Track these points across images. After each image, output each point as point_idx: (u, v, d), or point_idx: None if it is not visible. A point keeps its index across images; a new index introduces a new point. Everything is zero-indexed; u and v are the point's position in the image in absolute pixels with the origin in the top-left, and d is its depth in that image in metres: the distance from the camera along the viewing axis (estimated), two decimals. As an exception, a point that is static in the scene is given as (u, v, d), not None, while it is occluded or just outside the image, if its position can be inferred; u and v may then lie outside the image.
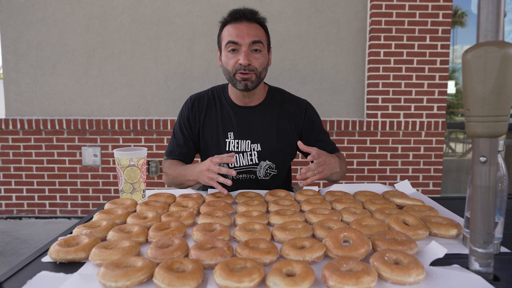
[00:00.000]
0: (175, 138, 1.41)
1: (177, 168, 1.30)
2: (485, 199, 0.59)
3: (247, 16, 1.22)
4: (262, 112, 1.36)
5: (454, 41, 3.35)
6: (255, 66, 1.22)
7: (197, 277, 0.60)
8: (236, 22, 1.22)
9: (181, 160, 1.39)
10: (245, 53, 1.19)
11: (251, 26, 1.22)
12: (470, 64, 0.56)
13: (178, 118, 1.42)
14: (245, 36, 1.19)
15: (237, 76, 1.23)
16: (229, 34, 1.22)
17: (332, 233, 0.74)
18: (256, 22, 1.24)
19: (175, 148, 1.40)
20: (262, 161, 1.34)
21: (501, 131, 0.57)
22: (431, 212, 0.93)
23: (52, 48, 2.90)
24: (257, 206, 0.99)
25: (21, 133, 2.93)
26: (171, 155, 1.40)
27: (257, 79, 1.25)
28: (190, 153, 1.41)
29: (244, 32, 1.20)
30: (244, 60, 1.19)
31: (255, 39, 1.20)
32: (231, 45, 1.21)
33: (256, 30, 1.22)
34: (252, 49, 1.22)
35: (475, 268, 0.63)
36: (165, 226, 0.83)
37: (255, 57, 1.22)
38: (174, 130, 1.43)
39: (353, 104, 2.98)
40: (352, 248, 0.69)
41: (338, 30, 2.90)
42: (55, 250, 0.70)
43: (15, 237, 2.67)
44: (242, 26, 1.21)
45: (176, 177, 1.29)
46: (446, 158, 3.47)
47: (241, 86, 1.24)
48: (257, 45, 1.21)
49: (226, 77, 1.28)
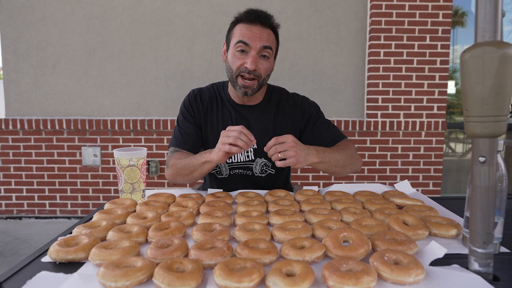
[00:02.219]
0: (182, 127, 1.34)
1: (188, 157, 1.22)
2: (484, 199, 0.59)
3: (262, 20, 1.20)
4: (260, 111, 1.36)
5: (454, 41, 3.35)
6: (260, 73, 1.21)
7: (197, 277, 0.60)
8: (251, 24, 1.20)
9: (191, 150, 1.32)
10: (253, 57, 1.18)
11: (264, 30, 1.20)
12: (468, 64, 0.56)
13: (181, 110, 1.38)
14: (257, 39, 1.18)
15: (239, 81, 1.22)
16: (241, 33, 1.19)
17: (332, 233, 0.74)
18: (269, 27, 1.23)
19: (184, 137, 1.32)
20: (258, 158, 1.34)
21: (500, 131, 0.57)
22: (431, 212, 0.93)
23: (52, 48, 2.90)
24: (257, 206, 0.99)
25: (21, 133, 2.93)
26: (179, 144, 1.31)
27: (258, 86, 1.24)
28: (198, 141, 1.35)
29: (256, 35, 1.18)
30: (251, 65, 1.17)
31: (266, 45, 1.19)
32: (241, 45, 1.19)
33: (268, 36, 1.21)
34: (261, 55, 1.20)
35: (475, 268, 0.63)
36: (165, 226, 0.83)
37: (262, 63, 1.21)
38: (178, 122, 1.37)
39: (353, 104, 2.98)
40: (352, 248, 0.69)
41: (338, 30, 2.90)
42: (55, 250, 0.70)
43: (15, 237, 2.67)
44: (256, 29, 1.19)
45: (188, 163, 1.20)
46: (446, 158, 3.47)
47: (241, 92, 1.23)
48: (266, 51, 1.20)
49: (228, 74, 1.26)
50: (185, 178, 1.24)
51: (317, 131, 1.36)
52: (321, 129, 1.37)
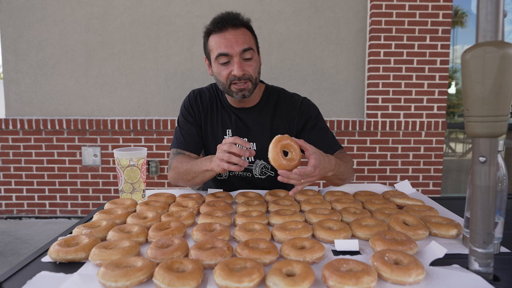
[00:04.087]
0: (183, 129, 1.33)
1: (190, 161, 1.21)
2: (485, 199, 0.59)
3: (232, 22, 1.17)
4: (257, 113, 1.34)
5: (454, 41, 3.35)
6: (250, 74, 1.19)
7: (197, 277, 0.60)
8: (222, 32, 1.16)
9: (193, 151, 1.32)
10: (238, 63, 1.15)
11: (237, 32, 1.17)
12: (469, 64, 0.56)
13: (181, 111, 1.37)
14: (234, 45, 1.14)
15: (233, 88, 1.20)
16: (217, 45, 1.16)
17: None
18: (241, 25, 1.19)
19: (185, 138, 1.31)
20: (258, 160, 1.34)
21: (501, 131, 0.57)
22: (431, 212, 0.93)
23: (52, 48, 2.90)
24: (257, 206, 0.99)
25: (21, 133, 2.93)
26: (180, 146, 1.31)
27: (253, 85, 1.22)
28: (200, 142, 1.34)
29: (232, 41, 1.15)
30: (238, 71, 1.15)
31: (245, 47, 1.16)
32: (221, 57, 1.16)
33: (244, 36, 1.17)
34: (244, 58, 1.18)
35: (475, 268, 0.63)
36: (165, 226, 0.83)
37: (248, 65, 1.19)
38: (179, 123, 1.37)
39: (353, 104, 2.98)
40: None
41: (338, 30, 2.90)
42: (55, 250, 0.70)
43: (15, 237, 2.67)
44: (229, 35, 1.16)
45: (189, 169, 1.19)
46: (446, 158, 3.47)
47: (239, 96, 1.21)
48: (248, 53, 1.17)
49: (221, 87, 1.24)
50: (187, 183, 1.24)
51: (314, 136, 1.32)
52: (318, 136, 1.33)
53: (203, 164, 1.14)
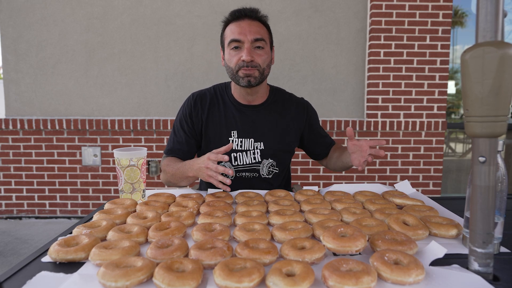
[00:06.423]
0: (176, 136, 1.38)
1: (175, 165, 1.27)
2: (484, 199, 0.59)
3: (249, 14, 1.23)
4: (265, 111, 1.36)
5: (454, 41, 3.35)
6: (258, 63, 1.22)
7: (197, 277, 0.60)
8: (238, 21, 1.23)
9: (180, 158, 1.37)
10: (247, 49, 1.20)
11: (253, 23, 1.22)
12: (468, 65, 0.56)
13: (179, 115, 1.40)
14: (247, 33, 1.20)
15: (240, 73, 1.23)
16: (231, 32, 1.22)
17: (330, 228, 0.76)
18: (258, 20, 1.25)
19: (175, 146, 1.37)
20: (265, 160, 1.34)
21: (500, 131, 0.57)
22: (431, 212, 0.93)
23: (52, 48, 2.90)
24: (257, 206, 0.99)
25: (21, 133, 2.93)
26: (170, 153, 1.37)
27: (260, 75, 1.25)
28: (190, 151, 1.39)
29: (246, 29, 1.21)
30: (246, 56, 1.19)
31: (257, 37, 1.21)
32: (233, 43, 1.22)
33: (257, 28, 1.23)
34: (255, 46, 1.22)
35: (475, 268, 0.63)
36: (165, 226, 0.83)
37: (257, 53, 1.23)
38: (174, 127, 1.40)
39: (353, 104, 2.98)
40: (350, 239, 0.70)
41: (338, 30, 2.90)
42: (55, 250, 0.70)
43: (15, 237, 2.67)
44: (244, 23, 1.22)
45: (175, 174, 1.25)
46: (446, 158, 3.47)
47: (244, 82, 1.24)
48: (259, 43, 1.22)
49: (229, 75, 1.28)
50: (177, 184, 1.31)
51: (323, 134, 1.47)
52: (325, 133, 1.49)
53: (186, 170, 1.20)
